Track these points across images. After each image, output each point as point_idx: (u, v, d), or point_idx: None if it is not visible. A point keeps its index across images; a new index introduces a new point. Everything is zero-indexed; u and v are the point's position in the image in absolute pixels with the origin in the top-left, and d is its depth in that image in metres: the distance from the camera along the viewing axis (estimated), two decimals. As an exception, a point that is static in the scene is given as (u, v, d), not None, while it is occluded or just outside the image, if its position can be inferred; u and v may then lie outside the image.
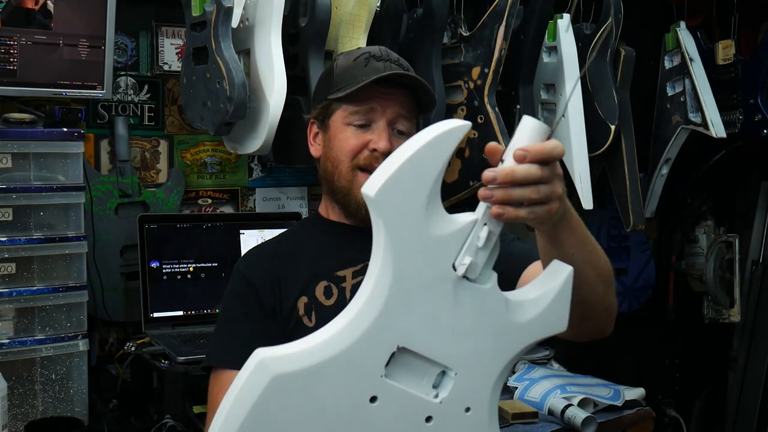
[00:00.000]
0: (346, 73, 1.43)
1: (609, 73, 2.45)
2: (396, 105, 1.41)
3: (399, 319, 0.93)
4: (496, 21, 2.20)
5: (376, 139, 1.40)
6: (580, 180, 2.36)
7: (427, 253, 0.94)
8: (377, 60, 1.42)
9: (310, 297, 1.42)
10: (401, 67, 1.42)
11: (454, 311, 0.95)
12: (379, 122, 1.41)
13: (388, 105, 1.41)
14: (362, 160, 1.41)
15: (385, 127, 1.41)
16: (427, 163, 0.98)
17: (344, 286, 1.43)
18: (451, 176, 2.33)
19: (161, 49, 2.31)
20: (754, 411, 3.27)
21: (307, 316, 1.42)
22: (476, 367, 0.96)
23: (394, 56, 1.45)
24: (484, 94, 2.22)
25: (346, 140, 1.42)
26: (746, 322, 3.30)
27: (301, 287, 1.43)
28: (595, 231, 2.98)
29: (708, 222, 3.26)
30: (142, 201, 2.23)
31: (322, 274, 1.43)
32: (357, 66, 1.42)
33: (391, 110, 1.41)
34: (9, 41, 1.93)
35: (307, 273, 1.44)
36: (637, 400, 2.08)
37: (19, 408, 1.82)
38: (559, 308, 0.98)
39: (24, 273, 1.84)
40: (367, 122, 1.42)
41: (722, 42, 2.91)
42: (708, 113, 2.69)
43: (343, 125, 1.43)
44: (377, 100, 1.41)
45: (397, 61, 1.44)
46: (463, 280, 0.94)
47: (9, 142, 1.82)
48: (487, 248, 0.96)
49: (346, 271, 1.43)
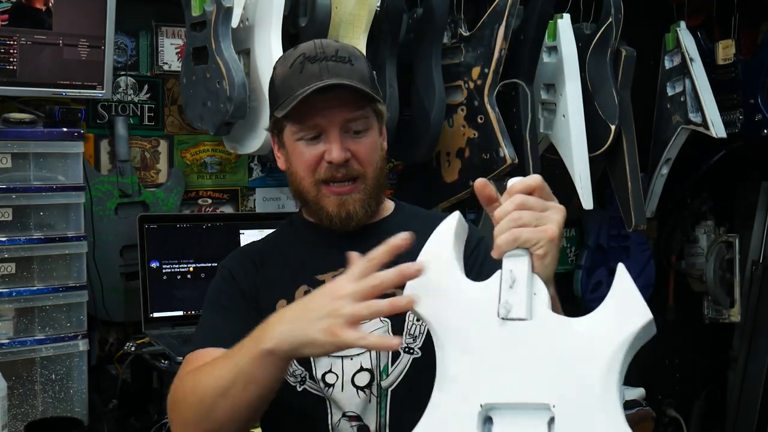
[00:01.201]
0: (283, 84, 1.34)
1: (609, 73, 2.45)
2: (341, 110, 1.30)
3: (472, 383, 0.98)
4: (496, 21, 2.20)
5: (329, 150, 1.31)
6: (580, 180, 2.36)
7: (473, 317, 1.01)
8: (312, 61, 1.31)
9: (289, 300, 1.36)
10: (340, 60, 1.32)
11: (519, 351, 0.97)
12: (329, 132, 1.31)
13: (332, 113, 1.31)
14: (322, 173, 1.33)
15: (336, 135, 1.31)
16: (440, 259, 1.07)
17: None
18: (450, 176, 2.33)
19: (161, 49, 2.30)
20: (754, 411, 3.27)
21: None
22: (575, 394, 0.96)
23: (331, 49, 1.33)
24: (484, 94, 2.21)
25: (300, 156, 1.34)
26: (746, 322, 3.30)
27: (281, 289, 1.38)
28: (595, 231, 2.98)
29: (708, 222, 3.26)
30: (142, 201, 2.23)
31: (303, 278, 1.38)
32: (293, 74, 1.32)
33: (337, 117, 1.31)
34: (9, 41, 1.93)
35: (289, 275, 1.40)
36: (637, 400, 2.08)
37: (19, 408, 1.82)
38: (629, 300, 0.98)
39: (24, 273, 1.84)
40: (317, 134, 1.32)
41: (722, 42, 2.91)
42: (708, 113, 2.69)
43: (294, 141, 1.35)
44: (319, 111, 1.30)
45: (334, 56, 1.32)
46: (511, 321, 0.98)
47: (9, 142, 1.82)
48: (520, 284, 0.99)
49: (326, 276, 1.36)
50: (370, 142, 1.35)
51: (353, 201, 1.34)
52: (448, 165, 2.33)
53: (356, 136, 1.33)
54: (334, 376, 1.32)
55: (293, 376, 1.33)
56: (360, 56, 1.37)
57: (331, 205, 1.34)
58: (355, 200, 1.34)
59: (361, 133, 1.34)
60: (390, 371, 1.33)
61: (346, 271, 1.10)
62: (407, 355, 1.33)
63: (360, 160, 1.33)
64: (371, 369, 1.32)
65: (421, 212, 1.50)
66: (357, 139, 1.33)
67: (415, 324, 1.33)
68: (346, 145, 1.31)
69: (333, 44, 1.35)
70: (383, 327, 1.32)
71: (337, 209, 1.33)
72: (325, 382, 1.32)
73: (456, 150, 2.30)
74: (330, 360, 1.31)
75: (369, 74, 1.37)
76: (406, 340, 1.32)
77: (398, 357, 1.32)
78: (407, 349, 1.33)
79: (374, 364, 1.32)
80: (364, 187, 1.34)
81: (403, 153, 2.38)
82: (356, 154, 1.32)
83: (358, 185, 1.34)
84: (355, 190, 1.34)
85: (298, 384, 1.33)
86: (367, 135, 1.34)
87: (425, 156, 2.31)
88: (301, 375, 1.33)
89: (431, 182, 2.40)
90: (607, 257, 3.01)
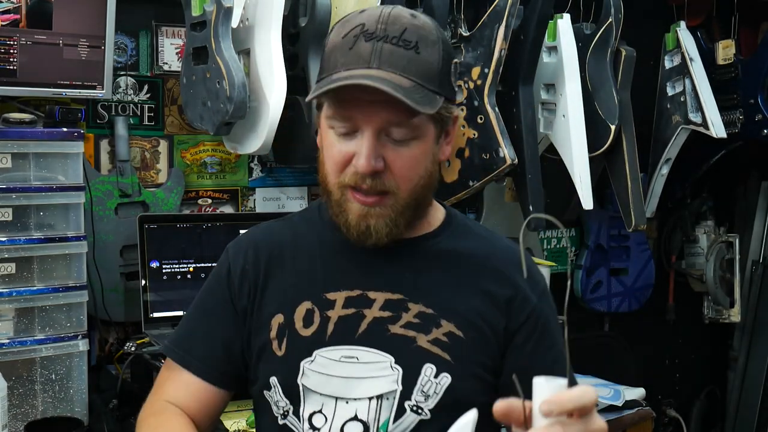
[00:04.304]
0: (330, 56, 1.13)
1: (609, 73, 2.45)
2: (385, 109, 1.08)
3: None
4: (496, 21, 2.20)
5: (358, 154, 1.10)
6: (580, 180, 2.36)
7: None
8: (367, 38, 1.08)
9: (287, 317, 1.19)
10: (403, 45, 1.08)
11: None
12: (364, 131, 1.10)
13: (372, 110, 1.08)
14: (348, 177, 1.12)
15: (371, 139, 1.09)
16: None
17: (329, 315, 1.18)
18: (450, 176, 2.33)
19: (161, 49, 2.30)
20: (754, 411, 3.27)
21: (278, 341, 1.20)
22: None
23: (396, 28, 1.09)
24: (484, 94, 2.21)
25: (330, 148, 1.14)
26: (746, 322, 3.31)
27: (280, 301, 1.21)
28: (595, 231, 2.98)
29: (708, 222, 3.25)
30: (142, 201, 2.23)
31: (308, 292, 1.20)
32: (342, 48, 1.10)
33: (377, 117, 1.08)
34: (9, 41, 1.93)
35: (293, 285, 1.21)
36: (637, 400, 2.08)
37: (19, 408, 1.82)
38: None
39: (24, 273, 1.84)
40: (350, 130, 1.11)
41: (722, 42, 2.91)
42: (708, 113, 2.69)
43: (327, 127, 1.15)
44: (357, 104, 1.08)
45: (396, 38, 1.09)
46: None
47: (9, 142, 1.82)
48: None
49: (337, 294, 1.18)
50: (415, 154, 1.12)
51: (376, 215, 1.13)
52: (447, 165, 2.33)
53: (398, 144, 1.11)
54: (323, 418, 1.16)
55: (276, 405, 1.20)
56: (435, 40, 1.11)
57: (354, 212, 1.14)
58: (378, 215, 1.13)
59: (405, 142, 1.11)
60: (390, 429, 1.14)
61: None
62: (414, 414, 1.15)
63: (396, 174, 1.11)
64: (366, 422, 1.14)
65: (475, 229, 1.29)
66: (398, 148, 1.11)
67: (432, 381, 1.14)
68: (380, 153, 1.10)
69: (403, 20, 1.10)
70: (393, 375, 1.15)
71: (357, 219, 1.14)
72: (311, 424, 1.16)
73: (456, 150, 2.30)
74: (322, 399, 1.16)
75: (439, 67, 1.11)
76: (416, 397, 1.14)
77: (403, 414, 1.14)
78: (415, 408, 1.15)
79: (372, 417, 1.14)
80: (393, 204, 1.13)
81: (403, 153, 2.38)
82: (392, 166, 1.11)
83: (386, 200, 1.13)
84: (380, 204, 1.13)
85: (280, 416, 1.20)
86: (411, 146, 1.11)
87: (425, 156, 2.30)
88: (284, 408, 1.19)
89: (431, 182, 2.39)
90: (607, 257, 3.01)
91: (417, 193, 1.15)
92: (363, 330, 1.17)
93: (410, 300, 1.17)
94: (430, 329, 1.14)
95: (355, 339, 1.16)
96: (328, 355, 1.17)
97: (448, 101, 1.15)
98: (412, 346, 1.15)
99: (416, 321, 1.16)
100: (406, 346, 1.15)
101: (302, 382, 1.17)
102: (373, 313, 1.17)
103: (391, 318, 1.17)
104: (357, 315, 1.18)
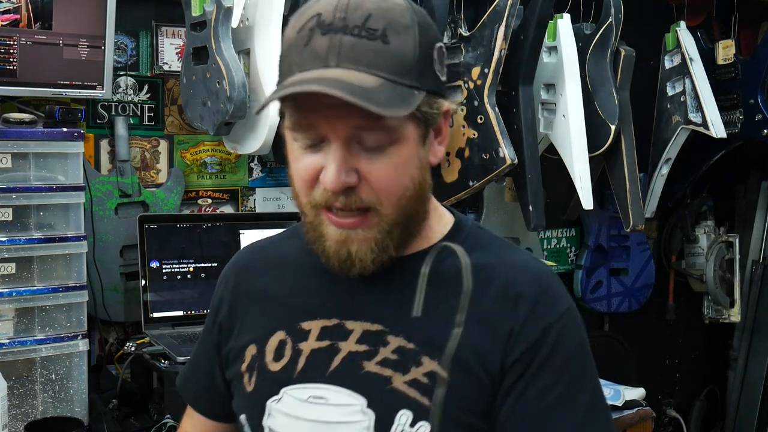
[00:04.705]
0: (285, 55, 0.95)
1: (609, 73, 2.45)
2: (349, 115, 0.89)
3: None
4: (496, 21, 2.20)
5: (325, 169, 0.92)
6: (580, 180, 2.36)
7: None
8: (324, 31, 0.90)
9: (259, 349, 1.06)
10: (367, 35, 0.89)
11: None
12: (330, 142, 0.92)
13: (337, 117, 0.90)
14: (319, 196, 0.94)
15: (339, 150, 0.91)
16: None
17: (301, 348, 1.03)
18: (450, 176, 2.33)
19: (161, 49, 2.30)
20: (754, 411, 3.27)
21: (249, 374, 1.07)
22: None
23: (358, 16, 0.90)
24: (484, 94, 2.21)
25: (296, 163, 0.96)
26: (746, 322, 3.31)
27: (255, 330, 1.08)
28: (595, 231, 2.98)
29: (708, 222, 3.26)
30: (142, 201, 2.23)
31: (284, 321, 1.06)
32: (296, 45, 0.93)
33: (342, 124, 0.90)
34: (9, 41, 1.93)
35: (268, 313, 1.08)
36: (637, 400, 2.08)
37: (19, 408, 1.82)
38: None
39: (24, 273, 1.84)
40: (316, 141, 0.93)
41: (722, 42, 2.91)
42: (708, 113, 2.69)
43: (291, 140, 0.96)
44: (320, 110, 0.90)
45: (359, 27, 0.90)
46: None
47: (9, 142, 1.81)
48: None
49: (313, 324, 1.03)
50: (394, 162, 0.93)
51: (358, 240, 0.95)
52: (448, 165, 2.33)
53: (372, 152, 0.92)
54: None
55: None
56: (409, 24, 0.92)
57: (331, 237, 0.96)
58: (362, 239, 0.95)
59: (381, 149, 0.92)
60: None
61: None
62: None
63: (374, 187, 0.93)
64: None
65: (488, 241, 1.05)
66: (372, 157, 0.92)
67: (407, 430, 0.96)
68: (352, 165, 0.91)
69: (366, 4, 0.91)
70: (364, 421, 0.97)
71: (336, 245, 0.96)
72: None
73: (456, 150, 2.30)
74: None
75: (416, 56, 0.92)
76: None
77: None
78: None
79: None
80: (378, 223, 0.94)
81: (403, 153, 2.38)
82: (368, 179, 0.92)
83: (368, 220, 0.94)
84: (363, 225, 0.94)
85: None
86: (388, 152, 0.92)
87: (425, 156, 2.30)
88: None
89: (431, 182, 2.40)
90: (607, 257, 3.01)
91: (405, 208, 0.95)
92: (335, 366, 1.00)
93: (390, 332, 0.99)
94: (408, 368, 0.96)
95: (326, 376, 1.00)
96: (296, 394, 1.02)
97: (434, 94, 0.95)
98: (386, 388, 0.97)
99: (394, 357, 0.98)
100: (380, 388, 0.97)
101: (268, 423, 1.03)
102: (348, 347, 1.00)
103: (367, 353, 0.99)
104: (331, 348, 1.01)
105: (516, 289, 0.98)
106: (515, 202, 2.54)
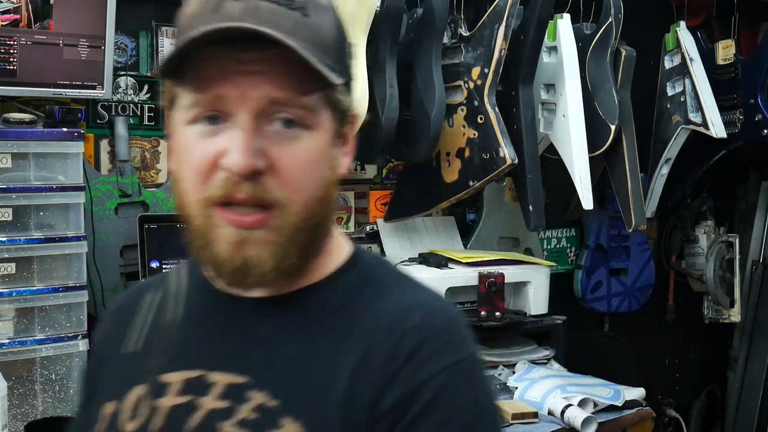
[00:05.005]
0: (190, 23, 0.80)
1: (609, 73, 2.45)
2: (265, 82, 0.77)
3: None
4: (496, 21, 2.20)
5: (228, 148, 0.78)
6: (580, 180, 2.36)
7: None
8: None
9: (118, 407, 0.89)
10: (285, 4, 0.78)
11: None
12: (236, 114, 0.78)
13: (248, 83, 0.77)
14: (216, 187, 0.79)
15: (247, 123, 0.78)
16: None
17: (158, 406, 0.86)
18: (451, 176, 2.33)
19: (161, 49, 2.30)
20: (754, 411, 3.27)
21: None
22: None
23: None
24: (484, 94, 2.22)
25: (187, 153, 0.81)
26: (746, 322, 3.31)
27: (116, 384, 0.91)
28: (595, 231, 2.98)
29: (708, 222, 3.26)
30: (142, 201, 2.23)
31: (144, 373, 0.89)
32: (203, 12, 0.79)
33: (255, 93, 0.77)
34: (9, 41, 1.93)
35: (131, 365, 0.91)
36: (637, 400, 2.08)
37: (19, 408, 1.82)
38: None
39: (24, 273, 1.84)
40: (217, 114, 0.79)
41: (722, 42, 2.91)
42: (708, 113, 2.69)
43: (184, 125, 0.82)
44: (229, 76, 0.77)
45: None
46: None
47: (9, 142, 1.82)
48: None
49: (175, 376, 0.87)
50: (310, 150, 0.80)
51: (257, 242, 0.80)
52: (448, 165, 2.33)
53: (286, 131, 0.79)
54: None
55: None
56: (326, 6, 0.83)
57: (224, 241, 0.80)
58: (263, 241, 0.80)
59: (295, 128, 0.79)
60: None
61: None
62: None
63: (283, 177, 0.79)
64: None
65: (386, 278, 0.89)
66: (285, 141, 0.79)
67: None
68: (262, 147, 0.78)
69: None
70: None
71: (230, 250, 0.80)
72: None
73: (456, 150, 2.30)
74: None
75: (334, 38, 0.82)
76: None
77: None
78: None
79: None
80: (281, 224, 0.80)
81: (403, 153, 2.38)
82: (277, 166, 0.78)
83: (271, 218, 0.79)
84: (263, 224, 0.79)
85: None
86: (303, 139, 0.80)
87: (425, 156, 2.31)
88: None
89: (431, 182, 2.40)
90: (607, 257, 3.01)
91: (313, 210, 0.81)
92: (192, 428, 0.84)
93: (255, 386, 0.82)
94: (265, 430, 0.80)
95: None
96: None
97: (347, 89, 0.84)
98: None
99: (253, 417, 0.81)
100: None
101: None
102: (208, 404, 0.84)
103: (227, 411, 0.83)
104: (189, 406, 0.85)
105: (401, 330, 0.81)
106: (515, 202, 2.54)
